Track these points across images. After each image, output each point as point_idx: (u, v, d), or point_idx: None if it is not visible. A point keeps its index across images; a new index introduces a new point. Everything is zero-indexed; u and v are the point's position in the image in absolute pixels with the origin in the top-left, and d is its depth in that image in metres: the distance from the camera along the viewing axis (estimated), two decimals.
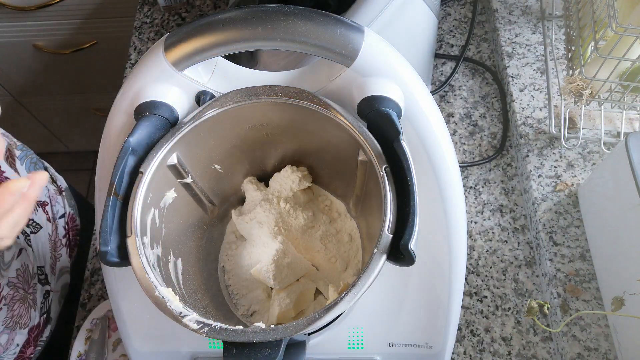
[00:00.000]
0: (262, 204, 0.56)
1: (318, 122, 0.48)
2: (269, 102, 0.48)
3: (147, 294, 0.40)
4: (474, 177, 0.77)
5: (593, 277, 0.65)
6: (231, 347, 0.39)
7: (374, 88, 0.45)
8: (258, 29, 0.43)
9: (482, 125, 0.81)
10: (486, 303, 0.68)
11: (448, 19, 0.91)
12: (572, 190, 0.71)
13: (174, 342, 0.53)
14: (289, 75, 0.50)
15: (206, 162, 0.52)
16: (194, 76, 0.48)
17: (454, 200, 0.49)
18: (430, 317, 0.52)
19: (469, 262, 0.71)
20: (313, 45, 0.44)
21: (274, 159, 0.57)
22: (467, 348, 0.66)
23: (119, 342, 0.68)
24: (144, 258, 0.42)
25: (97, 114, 1.48)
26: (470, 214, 0.74)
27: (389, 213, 0.41)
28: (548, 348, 0.65)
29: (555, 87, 0.76)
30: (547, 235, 0.68)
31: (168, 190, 0.49)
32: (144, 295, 0.40)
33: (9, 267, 0.63)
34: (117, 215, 0.43)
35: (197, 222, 0.55)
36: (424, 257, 0.47)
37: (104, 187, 0.50)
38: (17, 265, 0.64)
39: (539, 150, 0.74)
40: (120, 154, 0.44)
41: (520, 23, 0.86)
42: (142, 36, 0.96)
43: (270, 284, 0.53)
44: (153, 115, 0.46)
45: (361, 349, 0.52)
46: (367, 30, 0.45)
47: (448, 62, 0.87)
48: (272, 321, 0.52)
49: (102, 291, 0.73)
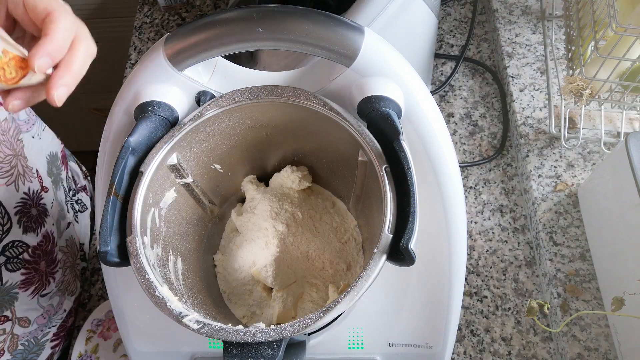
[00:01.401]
0: (262, 203, 0.56)
1: (318, 122, 0.48)
2: (269, 102, 0.48)
3: (147, 294, 0.40)
4: (474, 177, 0.77)
5: (593, 277, 0.65)
6: (231, 347, 0.39)
7: (374, 88, 0.45)
8: (258, 29, 0.43)
9: (482, 125, 0.81)
10: (486, 303, 0.68)
11: (448, 19, 0.91)
12: (572, 190, 0.71)
13: (174, 342, 0.53)
14: (289, 75, 0.50)
15: (206, 162, 0.52)
16: (194, 76, 0.48)
17: (454, 200, 0.49)
18: (430, 317, 0.52)
19: (469, 262, 0.71)
20: (313, 45, 0.44)
21: (274, 159, 0.57)
22: (467, 348, 0.66)
23: (119, 342, 0.68)
24: (144, 258, 0.42)
25: (97, 114, 1.48)
26: (470, 214, 0.74)
27: (389, 213, 0.41)
28: (548, 348, 0.65)
29: (555, 87, 0.76)
30: (547, 235, 0.68)
31: (168, 190, 0.49)
32: (144, 295, 0.40)
33: (62, 235, 0.68)
34: (117, 215, 0.43)
35: (197, 221, 0.55)
36: (424, 257, 0.47)
37: (104, 187, 0.50)
38: (67, 236, 0.71)
39: (539, 150, 0.74)
40: (120, 154, 0.44)
41: (520, 23, 0.86)
42: (142, 36, 0.96)
43: (270, 284, 0.53)
44: (153, 115, 0.46)
45: (361, 349, 0.52)
46: (367, 30, 0.45)
47: (448, 62, 0.87)
48: (272, 321, 0.52)
49: (102, 291, 0.73)
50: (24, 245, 0.59)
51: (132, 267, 0.42)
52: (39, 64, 0.37)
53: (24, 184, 0.60)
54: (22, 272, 0.59)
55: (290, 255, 0.54)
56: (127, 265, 0.42)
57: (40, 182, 0.64)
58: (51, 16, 0.37)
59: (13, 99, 0.39)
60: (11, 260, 0.58)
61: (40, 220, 0.62)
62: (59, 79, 0.38)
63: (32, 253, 0.61)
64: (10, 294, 0.59)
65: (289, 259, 0.54)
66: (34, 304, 0.63)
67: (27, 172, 0.61)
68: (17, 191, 0.58)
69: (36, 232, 0.61)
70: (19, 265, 0.59)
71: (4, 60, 0.37)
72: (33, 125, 0.67)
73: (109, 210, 0.42)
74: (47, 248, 0.63)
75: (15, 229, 0.58)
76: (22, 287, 0.60)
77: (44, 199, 0.64)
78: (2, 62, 0.37)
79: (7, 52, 0.37)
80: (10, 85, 0.38)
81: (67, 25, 0.38)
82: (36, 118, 0.69)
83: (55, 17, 0.37)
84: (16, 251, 0.58)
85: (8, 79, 0.38)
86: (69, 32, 0.38)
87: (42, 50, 0.37)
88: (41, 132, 0.68)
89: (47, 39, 0.37)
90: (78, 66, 0.39)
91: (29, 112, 0.67)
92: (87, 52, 0.40)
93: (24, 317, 0.62)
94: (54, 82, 0.38)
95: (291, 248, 0.55)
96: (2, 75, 0.37)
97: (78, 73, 0.39)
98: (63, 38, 0.38)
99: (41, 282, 0.63)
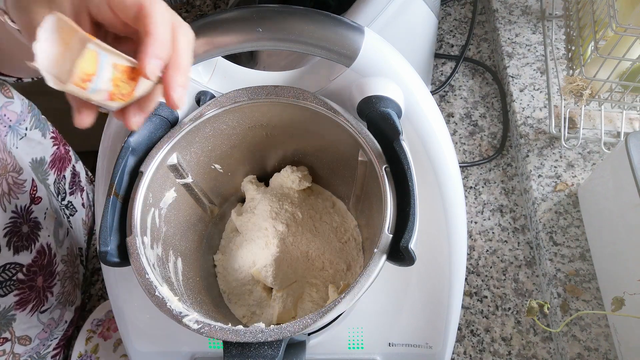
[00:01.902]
0: (262, 203, 0.56)
1: (318, 122, 0.48)
2: (269, 102, 0.48)
3: (147, 294, 0.40)
4: (474, 177, 0.77)
5: (593, 277, 0.65)
6: (231, 347, 0.39)
7: (374, 88, 0.45)
8: (258, 29, 0.43)
9: (482, 125, 0.81)
10: (486, 303, 0.68)
11: (448, 19, 0.91)
12: (572, 190, 0.71)
13: (174, 342, 0.53)
14: (289, 75, 0.50)
15: (206, 162, 0.52)
16: (194, 76, 0.48)
17: (454, 200, 0.49)
18: (430, 317, 0.52)
19: (469, 262, 0.71)
20: (313, 45, 0.44)
21: (274, 159, 0.57)
22: (467, 348, 0.66)
23: (119, 342, 0.68)
24: (144, 258, 0.42)
25: None
26: (470, 214, 0.74)
27: (389, 213, 0.41)
28: (548, 348, 0.65)
29: (555, 87, 0.76)
30: (547, 235, 0.68)
31: (168, 190, 0.49)
32: (144, 295, 0.40)
33: (62, 244, 0.65)
34: (117, 215, 0.43)
35: (197, 221, 0.55)
36: (424, 257, 0.47)
37: (104, 187, 0.50)
38: (67, 244, 0.67)
39: (539, 150, 0.74)
40: (120, 154, 0.44)
41: (520, 23, 0.86)
42: None
43: (270, 284, 0.53)
44: (153, 115, 0.46)
45: (361, 349, 0.52)
46: (367, 30, 0.45)
47: (448, 62, 0.87)
48: (272, 321, 0.52)
49: (102, 291, 0.73)
50: (17, 266, 0.55)
51: (132, 267, 0.42)
52: (150, 69, 0.33)
53: (9, 202, 0.55)
54: (15, 294, 0.56)
55: (290, 255, 0.54)
56: (127, 265, 0.42)
57: (32, 194, 0.59)
58: (144, 10, 0.33)
59: (133, 116, 0.36)
60: (3, 285, 0.54)
61: (32, 236, 0.58)
62: (173, 81, 0.34)
63: (27, 271, 0.57)
64: (7, 317, 0.56)
65: (289, 259, 0.54)
66: (34, 321, 0.60)
67: (12, 189, 0.56)
68: (4, 211, 0.53)
69: (29, 250, 0.57)
70: (12, 288, 0.55)
71: (117, 75, 0.33)
72: (5, 136, 0.61)
73: (109, 210, 0.42)
74: (43, 262, 0.60)
75: (5, 252, 0.53)
76: (18, 307, 0.57)
77: (34, 212, 0.59)
78: (115, 78, 0.33)
79: (117, 66, 0.33)
80: (128, 101, 0.34)
81: (164, 16, 0.34)
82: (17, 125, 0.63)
83: (148, 10, 0.33)
84: (8, 274, 0.55)
85: (124, 95, 0.34)
86: (167, 23, 0.34)
87: (150, 53, 0.33)
88: (17, 142, 0.62)
89: (150, 39, 0.33)
90: (186, 60, 0.35)
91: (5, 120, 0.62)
92: (188, 40, 0.36)
93: (24, 335, 0.59)
94: (170, 85, 0.34)
95: (291, 248, 0.55)
96: (117, 92, 0.33)
97: (188, 67, 0.36)
98: (164, 32, 0.34)
99: (39, 298, 0.60)
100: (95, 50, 0.31)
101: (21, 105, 0.62)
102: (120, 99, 0.34)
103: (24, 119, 0.63)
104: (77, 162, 0.79)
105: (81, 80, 0.31)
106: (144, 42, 0.33)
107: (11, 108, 0.60)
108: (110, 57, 0.32)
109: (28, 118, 0.64)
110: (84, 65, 0.31)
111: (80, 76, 0.31)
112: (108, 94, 0.33)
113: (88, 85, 0.31)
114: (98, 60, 0.31)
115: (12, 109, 0.61)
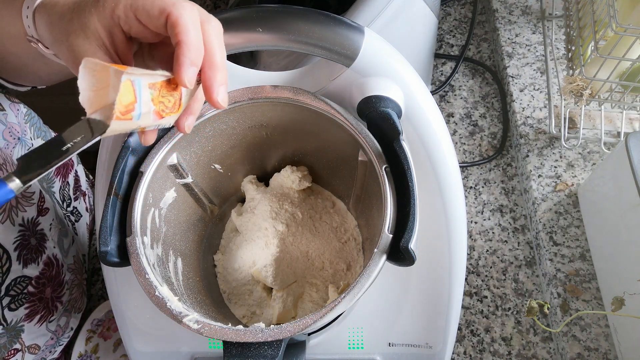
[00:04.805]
0: (262, 203, 0.56)
1: (318, 122, 0.48)
2: (269, 102, 0.48)
3: (147, 294, 0.40)
4: (474, 177, 0.77)
5: (593, 277, 0.65)
6: (231, 347, 0.39)
7: (374, 88, 0.45)
8: (258, 29, 0.43)
9: (482, 125, 0.81)
10: (486, 303, 0.68)
11: (448, 19, 0.91)
12: (572, 190, 0.71)
13: (174, 342, 0.53)
14: (289, 75, 0.50)
15: (206, 162, 0.52)
16: None
17: (454, 200, 0.49)
18: (430, 317, 0.52)
19: (469, 262, 0.71)
20: (313, 45, 0.44)
21: (274, 159, 0.57)
22: (467, 348, 0.66)
23: (119, 342, 0.68)
24: (144, 258, 0.42)
25: None
26: (470, 214, 0.74)
27: (389, 213, 0.41)
28: (548, 348, 0.65)
29: (555, 87, 0.76)
30: (547, 235, 0.68)
31: (168, 190, 0.49)
32: (144, 295, 0.40)
33: (67, 254, 0.65)
34: (117, 215, 0.43)
35: (197, 221, 0.55)
36: (424, 257, 0.47)
37: (104, 187, 0.50)
38: (73, 252, 0.67)
39: (539, 150, 0.74)
40: (120, 154, 0.44)
41: (520, 23, 0.86)
42: None
43: (270, 284, 0.53)
44: None
45: (361, 349, 0.52)
46: (367, 30, 0.45)
47: (448, 62, 0.87)
48: (272, 321, 0.52)
49: (102, 291, 0.73)
50: (26, 279, 0.55)
51: (132, 267, 0.42)
52: (188, 78, 0.33)
53: (17, 215, 0.55)
54: (25, 307, 0.56)
55: (290, 255, 0.54)
56: (127, 265, 0.42)
57: (39, 206, 0.59)
58: (171, 17, 0.34)
59: (185, 120, 0.36)
60: (15, 299, 0.54)
61: (40, 249, 0.58)
62: (213, 82, 0.35)
63: (36, 283, 0.57)
64: (17, 329, 0.56)
65: (289, 259, 0.54)
66: (43, 330, 0.60)
67: (20, 202, 0.56)
68: (13, 225, 0.54)
69: (37, 262, 0.57)
70: (23, 301, 0.55)
71: (156, 94, 0.33)
72: (14, 148, 0.60)
73: (109, 210, 0.42)
74: (51, 274, 0.60)
75: (15, 266, 0.54)
76: (27, 319, 0.57)
77: (41, 224, 0.59)
78: (157, 98, 0.33)
79: (153, 85, 0.33)
80: (180, 111, 0.35)
81: (192, 18, 0.34)
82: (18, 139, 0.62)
83: (176, 17, 0.33)
84: (20, 287, 0.55)
85: (172, 107, 0.34)
86: (196, 25, 0.34)
87: (185, 62, 0.33)
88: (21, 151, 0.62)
89: (182, 48, 0.33)
90: (220, 58, 0.36)
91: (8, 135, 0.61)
92: (218, 35, 0.36)
93: (33, 344, 0.59)
94: (211, 87, 0.35)
95: (291, 248, 0.55)
96: (164, 108, 0.34)
97: (223, 63, 0.36)
98: (195, 36, 0.34)
99: (47, 309, 0.60)
100: (128, 79, 0.31)
101: (16, 116, 0.61)
102: (170, 113, 0.35)
103: (25, 130, 0.62)
104: (78, 165, 0.78)
105: (123, 113, 0.31)
106: (177, 51, 0.34)
107: (10, 119, 0.60)
108: (144, 80, 0.32)
109: (27, 128, 0.63)
110: (124, 99, 0.31)
111: (120, 110, 0.31)
112: (155, 114, 0.34)
113: (132, 114, 0.32)
114: (134, 88, 0.32)
115: (10, 120, 0.60)
